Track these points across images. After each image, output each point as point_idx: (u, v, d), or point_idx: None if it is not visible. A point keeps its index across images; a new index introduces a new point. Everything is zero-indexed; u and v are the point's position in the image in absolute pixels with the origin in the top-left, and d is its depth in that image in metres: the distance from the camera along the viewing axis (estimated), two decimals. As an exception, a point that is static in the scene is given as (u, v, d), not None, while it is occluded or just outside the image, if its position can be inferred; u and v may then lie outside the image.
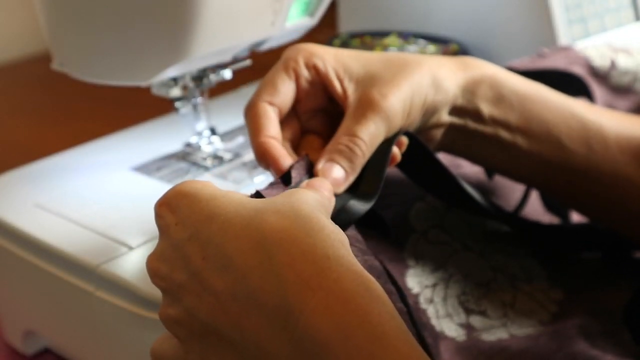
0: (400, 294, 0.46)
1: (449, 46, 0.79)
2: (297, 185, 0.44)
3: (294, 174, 0.46)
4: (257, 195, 0.44)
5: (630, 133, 0.53)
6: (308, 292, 0.34)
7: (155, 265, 0.41)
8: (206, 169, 0.65)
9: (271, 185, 0.45)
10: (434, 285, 0.52)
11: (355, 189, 0.46)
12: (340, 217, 0.44)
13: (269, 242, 0.36)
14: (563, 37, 0.73)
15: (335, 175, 0.46)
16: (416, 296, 0.51)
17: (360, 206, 0.45)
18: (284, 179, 0.46)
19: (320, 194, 0.42)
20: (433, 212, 0.55)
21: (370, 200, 0.46)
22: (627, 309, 0.54)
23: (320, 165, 0.46)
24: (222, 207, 0.39)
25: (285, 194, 0.40)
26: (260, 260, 0.36)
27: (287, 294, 0.35)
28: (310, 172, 0.46)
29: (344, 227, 0.43)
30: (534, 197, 0.61)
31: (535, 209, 0.60)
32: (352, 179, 0.47)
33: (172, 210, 0.40)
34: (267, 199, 0.40)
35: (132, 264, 0.53)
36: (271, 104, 0.48)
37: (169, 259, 0.40)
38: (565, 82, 0.65)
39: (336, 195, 0.45)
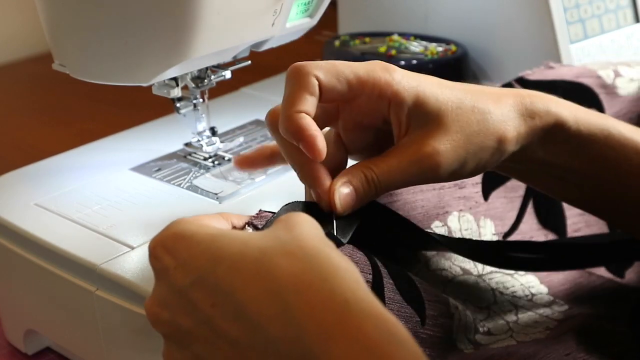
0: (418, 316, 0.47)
1: (449, 47, 0.79)
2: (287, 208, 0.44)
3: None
4: (253, 226, 0.44)
5: None
6: (331, 341, 0.33)
7: (155, 310, 0.39)
8: (206, 169, 0.65)
9: (259, 213, 0.45)
10: None
11: (331, 224, 0.46)
12: None
13: (284, 290, 0.35)
14: (561, 38, 0.73)
15: (348, 197, 0.45)
16: None
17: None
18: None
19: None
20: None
21: (345, 236, 0.45)
22: (632, 315, 0.54)
23: (339, 185, 0.45)
24: (224, 248, 0.37)
25: (285, 225, 0.39)
26: (277, 310, 0.35)
27: (310, 344, 0.34)
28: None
29: None
30: (529, 213, 0.60)
31: (530, 225, 0.60)
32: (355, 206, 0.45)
33: (170, 253, 0.39)
34: (269, 233, 0.38)
35: (132, 263, 0.53)
36: (319, 80, 0.45)
37: (171, 305, 0.38)
38: (576, 92, 0.65)
39: None
